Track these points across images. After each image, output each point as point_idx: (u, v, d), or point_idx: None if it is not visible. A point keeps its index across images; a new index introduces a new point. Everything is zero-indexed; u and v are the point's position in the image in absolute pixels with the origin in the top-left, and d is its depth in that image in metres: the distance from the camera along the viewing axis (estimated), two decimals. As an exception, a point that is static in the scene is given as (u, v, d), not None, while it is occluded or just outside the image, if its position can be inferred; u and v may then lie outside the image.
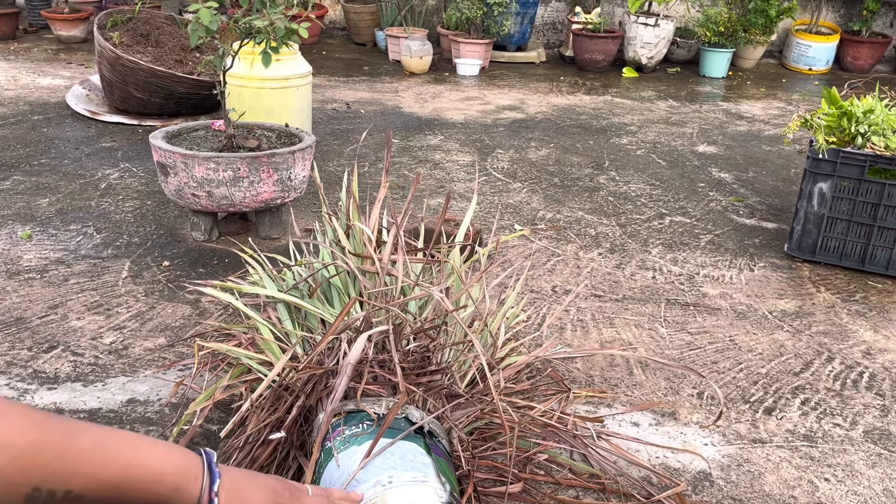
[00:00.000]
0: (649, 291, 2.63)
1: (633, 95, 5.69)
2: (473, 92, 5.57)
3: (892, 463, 1.82)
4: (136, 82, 4.17)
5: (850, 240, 2.81)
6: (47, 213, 3.03)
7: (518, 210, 3.32)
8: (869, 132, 2.75)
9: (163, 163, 2.66)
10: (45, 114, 4.44)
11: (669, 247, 3.02)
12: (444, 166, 3.84)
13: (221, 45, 2.63)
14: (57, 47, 6.39)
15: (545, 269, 2.76)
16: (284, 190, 2.74)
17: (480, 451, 1.57)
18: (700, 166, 4.07)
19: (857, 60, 6.76)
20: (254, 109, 3.35)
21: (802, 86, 6.29)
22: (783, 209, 3.49)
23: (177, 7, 7.06)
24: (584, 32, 6.33)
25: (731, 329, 2.41)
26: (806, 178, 2.83)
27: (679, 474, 1.74)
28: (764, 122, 5.07)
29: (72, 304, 2.35)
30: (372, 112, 4.87)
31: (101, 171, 3.55)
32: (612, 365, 2.16)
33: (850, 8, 7.07)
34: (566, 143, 4.35)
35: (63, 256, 2.67)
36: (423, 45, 6.04)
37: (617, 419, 1.92)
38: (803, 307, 2.59)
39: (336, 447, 1.35)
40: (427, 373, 1.58)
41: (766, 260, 2.94)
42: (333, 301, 1.86)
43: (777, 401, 2.04)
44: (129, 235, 2.86)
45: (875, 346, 2.36)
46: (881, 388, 2.13)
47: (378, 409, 1.42)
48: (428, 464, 1.31)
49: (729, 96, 5.81)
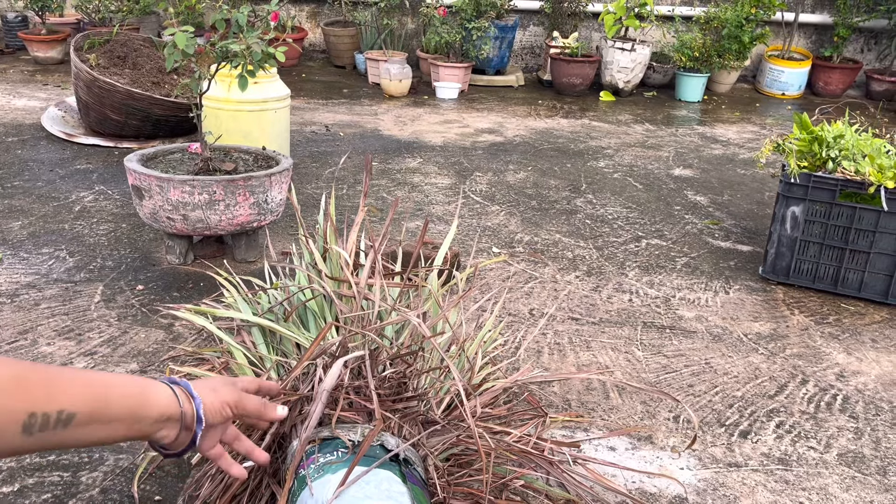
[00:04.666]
0: (626, 314, 2.64)
1: (610, 119, 5.75)
2: (452, 115, 5.61)
3: (866, 486, 1.83)
4: (112, 104, 4.15)
5: (822, 263, 2.85)
6: (19, 237, 2.99)
7: (496, 233, 3.33)
8: (840, 157, 2.79)
9: (138, 186, 2.63)
10: (19, 135, 4.40)
11: (646, 269, 3.04)
12: (423, 189, 3.85)
13: (198, 68, 2.62)
14: (33, 69, 6.35)
15: (523, 291, 2.76)
16: (261, 213, 2.73)
17: (456, 477, 1.55)
18: (676, 189, 4.11)
19: (828, 86, 6.90)
20: (231, 132, 3.34)
21: (776, 110, 6.40)
22: (757, 232, 3.53)
23: (155, 29, 7.05)
24: (561, 57, 6.40)
25: (706, 352, 2.42)
26: (779, 202, 2.87)
27: (655, 499, 1.73)
28: (739, 146, 5.14)
29: (42, 329, 2.31)
30: (351, 135, 4.87)
31: (75, 193, 3.51)
32: (589, 388, 2.16)
33: (822, 34, 7.23)
34: (544, 166, 4.38)
35: (34, 280, 2.63)
36: (402, 68, 6.08)
37: (594, 444, 1.91)
38: (778, 330, 2.61)
39: (310, 475, 1.33)
40: (403, 399, 1.57)
41: (741, 283, 2.97)
42: (309, 325, 1.85)
43: (752, 424, 2.05)
44: (102, 259, 2.83)
45: (848, 368, 2.38)
46: (854, 411, 2.15)
47: (353, 435, 1.40)
48: (403, 492, 1.30)
49: (704, 120, 5.90)
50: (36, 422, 0.81)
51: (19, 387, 0.80)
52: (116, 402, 0.92)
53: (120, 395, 0.94)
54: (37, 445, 0.83)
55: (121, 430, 0.94)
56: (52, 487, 1.68)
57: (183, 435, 1.04)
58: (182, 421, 1.03)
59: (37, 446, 0.83)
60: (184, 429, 1.03)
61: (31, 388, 0.82)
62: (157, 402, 0.99)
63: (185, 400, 1.04)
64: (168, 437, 1.02)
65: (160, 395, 1.00)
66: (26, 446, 0.82)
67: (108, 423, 0.91)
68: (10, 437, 0.79)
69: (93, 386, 0.91)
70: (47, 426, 0.82)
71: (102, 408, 0.90)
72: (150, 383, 1.00)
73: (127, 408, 0.94)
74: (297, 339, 1.75)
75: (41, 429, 0.82)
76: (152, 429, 0.99)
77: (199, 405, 1.05)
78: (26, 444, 0.81)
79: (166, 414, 1.00)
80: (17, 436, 0.80)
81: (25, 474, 1.71)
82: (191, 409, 1.04)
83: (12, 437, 0.79)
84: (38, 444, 0.83)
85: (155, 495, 1.67)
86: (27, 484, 1.68)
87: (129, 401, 0.95)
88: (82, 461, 1.76)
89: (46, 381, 0.84)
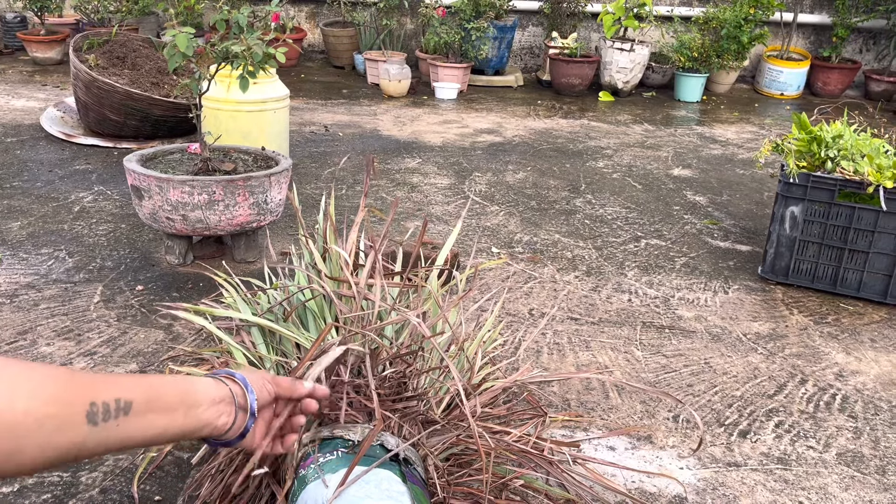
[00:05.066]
0: (625, 314, 2.65)
1: (610, 119, 5.76)
2: (451, 115, 5.61)
3: (865, 486, 1.83)
4: (111, 105, 4.15)
5: (821, 262, 2.85)
6: (18, 237, 2.99)
7: (495, 233, 3.33)
8: (838, 157, 2.80)
9: (137, 186, 2.63)
10: (18, 136, 4.39)
11: (645, 270, 3.04)
12: (422, 189, 3.85)
13: (198, 68, 2.62)
14: (32, 69, 6.34)
15: (522, 291, 2.76)
16: (260, 213, 2.73)
17: (456, 477, 1.55)
18: (675, 189, 4.11)
19: (827, 86, 6.90)
20: (230, 132, 3.34)
21: (775, 110, 6.41)
22: (757, 232, 3.53)
23: (154, 30, 7.04)
24: (560, 57, 6.40)
25: (706, 352, 2.43)
26: (778, 202, 2.87)
27: (655, 499, 1.73)
28: (738, 146, 5.14)
29: (41, 329, 2.31)
30: (350, 135, 4.88)
31: (74, 193, 3.51)
32: (589, 388, 2.17)
33: (821, 35, 7.23)
34: (543, 167, 4.39)
35: (34, 281, 2.63)
36: (401, 68, 6.08)
37: (593, 443, 1.92)
38: (777, 329, 2.61)
39: (310, 475, 1.33)
40: (403, 399, 1.57)
41: (741, 283, 2.97)
42: (309, 325, 1.85)
43: (752, 423, 2.05)
44: (102, 259, 2.83)
45: (847, 368, 2.38)
46: (853, 411, 2.15)
47: (353, 435, 1.41)
48: (403, 492, 1.30)
49: (703, 120, 5.90)
50: (98, 410, 0.81)
51: (73, 380, 0.81)
52: (167, 390, 0.93)
53: (168, 383, 0.95)
54: (103, 438, 0.83)
55: (179, 419, 0.94)
56: (51, 488, 1.68)
57: (240, 416, 1.03)
58: (235, 400, 1.03)
59: (104, 440, 0.83)
60: (240, 409, 1.03)
61: (85, 381, 0.83)
62: (205, 389, 0.99)
63: (230, 381, 1.04)
64: (227, 421, 1.01)
65: (204, 383, 1.00)
66: (94, 441, 0.82)
67: (165, 412, 0.91)
68: (78, 429, 0.80)
69: (139, 379, 0.93)
70: (109, 414, 0.83)
71: (155, 396, 0.90)
72: (191, 377, 1.01)
73: (178, 395, 0.94)
74: (297, 339, 1.75)
75: (104, 417, 0.82)
76: (210, 414, 0.98)
77: (245, 381, 1.05)
78: (93, 436, 0.81)
79: (218, 397, 1.00)
80: (83, 426, 0.80)
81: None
82: (239, 388, 1.04)
83: (79, 429, 0.80)
84: (104, 436, 0.83)
85: (155, 495, 1.67)
86: (27, 484, 1.68)
87: (177, 388, 0.95)
88: (82, 461, 1.76)
89: (94, 377, 0.86)
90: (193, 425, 0.96)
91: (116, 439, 0.85)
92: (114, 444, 0.85)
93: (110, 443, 0.84)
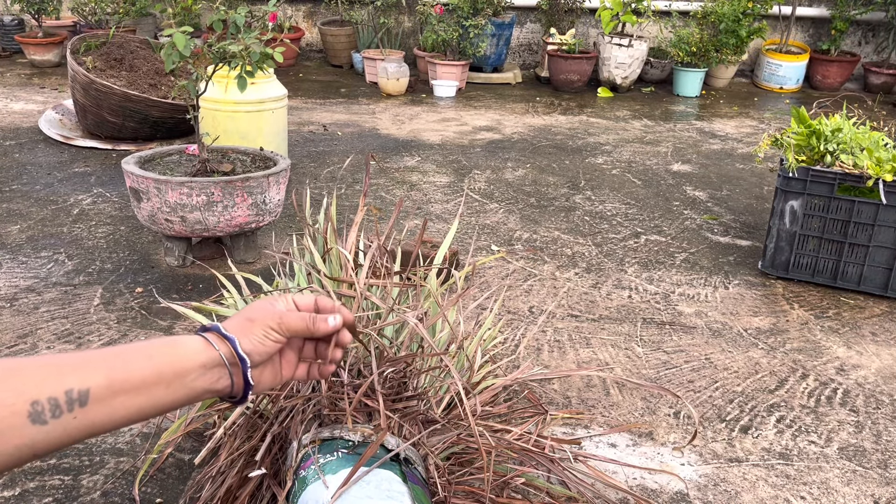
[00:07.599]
0: (625, 311, 2.64)
1: (609, 115, 5.75)
2: (450, 113, 5.60)
3: (866, 480, 1.83)
4: (109, 107, 4.15)
5: (822, 256, 2.85)
6: (18, 240, 2.99)
7: (495, 230, 3.32)
8: (837, 150, 2.79)
9: (136, 188, 2.63)
10: (16, 139, 4.39)
11: (645, 266, 3.04)
12: (422, 187, 3.85)
13: (195, 69, 2.62)
14: (30, 72, 6.34)
15: (522, 289, 2.76)
16: (259, 214, 2.73)
17: (457, 476, 1.55)
18: (674, 185, 4.11)
19: (826, 79, 6.89)
20: (228, 133, 3.34)
21: (774, 104, 6.40)
22: (756, 227, 3.53)
23: (152, 31, 7.04)
24: (559, 53, 6.39)
25: (706, 347, 2.42)
26: (777, 196, 2.87)
27: (656, 495, 1.73)
28: (737, 141, 5.14)
29: (41, 332, 2.31)
30: (349, 134, 4.87)
31: (73, 196, 3.51)
32: (589, 385, 2.16)
33: (820, 28, 7.22)
34: (542, 163, 4.38)
35: (33, 284, 2.63)
36: (399, 66, 6.07)
37: (594, 440, 1.91)
38: (777, 324, 2.61)
39: (310, 476, 1.33)
40: (403, 398, 1.57)
41: (741, 277, 2.97)
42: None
43: (753, 419, 2.05)
44: (101, 262, 2.83)
45: (848, 362, 2.38)
46: (855, 405, 2.15)
47: (353, 436, 1.40)
48: (404, 492, 1.30)
49: (702, 115, 5.89)
50: (43, 408, 0.74)
51: (12, 376, 0.74)
52: (140, 366, 0.85)
53: (143, 357, 0.86)
54: (60, 434, 0.75)
55: (161, 394, 0.86)
56: (53, 491, 1.68)
57: (237, 378, 0.94)
58: (226, 363, 0.93)
59: (60, 436, 0.76)
60: (233, 367, 0.93)
61: (26, 375, 0.75)
62: (193, 354, 0.90)
63: (219, 341, 0.93)
64: (227, 383, 0.93)
65: (191, 346, 0.91)
66: (50, 439, 0.75)
67: (138, 392, 0.83)
68: (21, 431, 0.73)
69: (105, 359, 0.83)
70: (59, 409, 0.75)
71: (122, 376, 0.82)
72: (177, 338, 0.91)
73: (155, 368, 0.86)
74: (297, 340, 1.75)
75: (53, 414, 0.75)
76: (201, 382, 0.90)
77: (234, 343, 0.94)
78: (44, 436, 0.74)
79: (209, 362, 0.91)
80: (27, 428, 0.73)
81: (26, 478, 1.71)
82: (228, 349, 0.93)
83: (23, 431, 0.73)
84: (60, 432, 0.75)
85: (156, 497, 1.67)
86: (28, 488, 1.68)
87: (155, 361, 0.86)
88: (83, 464, 1.76)
89: (44, 367, 0.77)
90: (186, 394, 0.88)
91: (78, 431, 0.77)
92: (79, 435, 0.78)
93: (73, 435, 0.77)
